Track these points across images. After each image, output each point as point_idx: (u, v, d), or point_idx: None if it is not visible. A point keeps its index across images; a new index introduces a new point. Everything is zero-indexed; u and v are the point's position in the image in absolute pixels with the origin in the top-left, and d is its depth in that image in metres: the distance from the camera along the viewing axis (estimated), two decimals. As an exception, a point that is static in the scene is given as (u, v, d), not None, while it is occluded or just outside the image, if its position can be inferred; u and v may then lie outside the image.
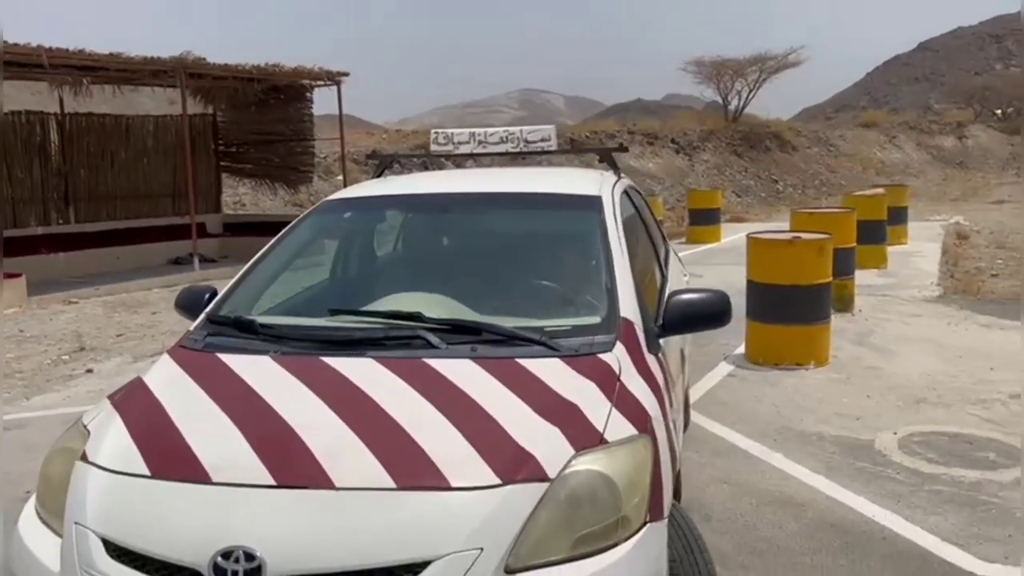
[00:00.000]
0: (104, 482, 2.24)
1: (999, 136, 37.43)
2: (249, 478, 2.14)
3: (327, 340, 2.78)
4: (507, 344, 2.66)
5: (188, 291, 3.40)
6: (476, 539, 1.99)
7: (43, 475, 2.48)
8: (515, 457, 2.15)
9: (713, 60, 29.09)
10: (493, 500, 2.05)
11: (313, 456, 2.18)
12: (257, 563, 1.96)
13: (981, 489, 4.17)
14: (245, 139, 15.29)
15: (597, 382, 2.45)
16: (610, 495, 2.13)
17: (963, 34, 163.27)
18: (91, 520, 2.16)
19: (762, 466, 4.54)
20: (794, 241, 6.48)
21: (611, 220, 3.31)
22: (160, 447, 2.31)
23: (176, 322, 9.02)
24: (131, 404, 2.59)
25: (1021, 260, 11.80)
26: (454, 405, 2.35)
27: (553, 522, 2.07)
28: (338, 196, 3.95)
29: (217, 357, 2.77)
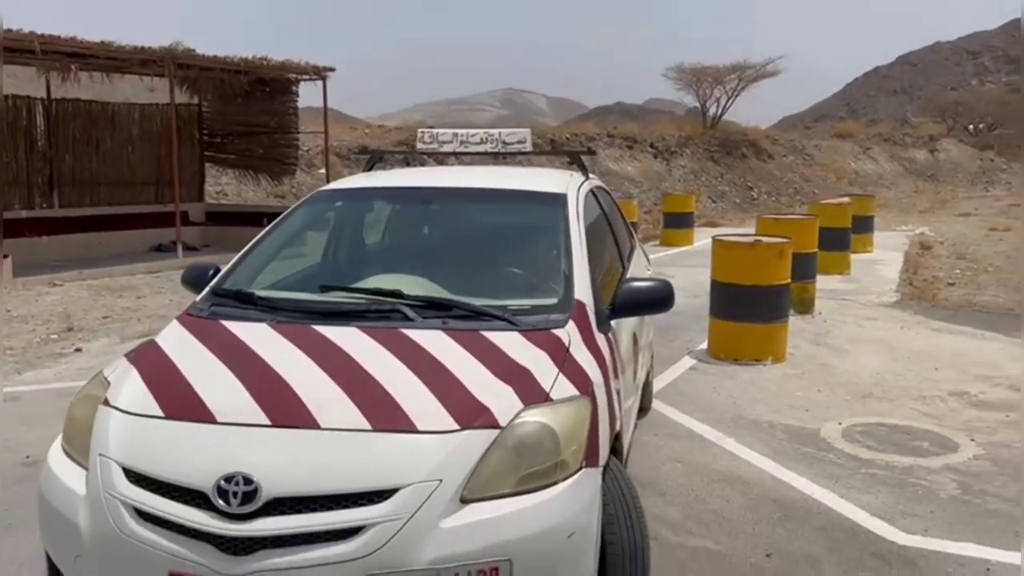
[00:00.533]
0: (124, 422, 2.61)
1: (970, 151, 38.29)
2: (249, 419, 2.52)
3: (317, 311, 3.19)
4: (474, 319, 3.06)
5: (194, 268, 3.78)
6: (437, 472, 2.37)
7: (69, 417, 2.84)
8: (473, 408, 2.53)
9: (693, 67, 29.63)
10: (452, 442, 2.43)
11: (303, 403, 2.56)
12: (254, 486, 2.32)
13: (912, 473, 4.56)
14: (229, 130, 15.49)
15: (549, 352, 2.85)
16: (551, 442, 2.51)
17: (941, 49, 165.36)
18: (113, 452, 2.53)
19: (715, 449, 4.90)
20: (755, 244, 6.86)
21: (573, 216, 3.72)
22: (172, 394, 2.69)
23: (160, 306, 9.30)
24: (145, 360, 2.97)
25: (978, 270, 12.31)
26: (424, 366, 2.73)
27: (502, 462, 2.44)
28: (330, 187, 4.36)
29: (221, 324, 3.16)
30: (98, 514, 2.46)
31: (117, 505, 2.43)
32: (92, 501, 2.49)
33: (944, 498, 4.24)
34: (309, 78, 14.33)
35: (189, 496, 2.37)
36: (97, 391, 2.84)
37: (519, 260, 3.73)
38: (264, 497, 2.31)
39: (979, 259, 13.63)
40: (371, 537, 2.28)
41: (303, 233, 4.15)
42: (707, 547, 3.70)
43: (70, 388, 6.09)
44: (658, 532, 3.76)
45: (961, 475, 4.53)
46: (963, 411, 5.65)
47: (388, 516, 2.29)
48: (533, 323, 3.04)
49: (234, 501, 2.31)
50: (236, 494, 2.31)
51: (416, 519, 2.30)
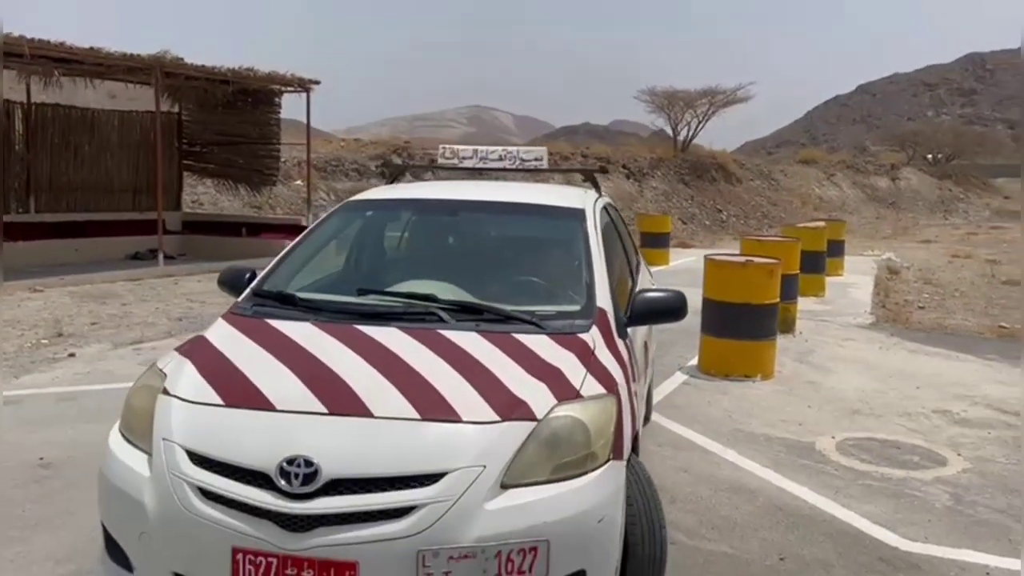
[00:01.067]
0: (185, 409, 2.79)
1: (929, 180, 39.36)
2: (307, 407, 2.72)
3: (357, 312, 3.41)
4: (504, 322, 3.29)
5: (231, 270, 3.96)
6: (480, 459, 2.55)
7: (128, 406, 3.02)
8: (511, 402, 2.74)
9: (665, 91, 30.14)
10: (494, 432, 2.63)
11: (355, 393, 2.76)
12: (314, 468, 2.50)
13: (906, 485, 4.77)
14: (209, 139, 15.47)
15: (576, 353, 3.07)
16: (583, 435, 2.71)
17: (899, 80, 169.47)
18: (176, 436, 2.70)
19: (718, 460, 5.08)
20: (747, 264, 7.09)
21: (592, 229, 3.99)
22: (229, 384, 2.88)
23: (148, 314, 9.27)
24: (198, 353, 3.14)
25: (945, 295, 12.73)
26: (462, 363, 2.95)
27: (538, 452, 2.64)
28: (359, 197, 4.55)
29: (266, 322, 3.38)
30: (164, 494, 2.61)
31: (182, 485, 2.59)
32: (157, 482, 2.65)
33: (939, 508, 4.45)
34: (294, 90, 14.39)
35: (252, 477, 2.54)
36: (154, 381, 3.00)
37: (542, 269, 3.97)
38: (323, 478, 2.49)
39: (944, 284, 14.09)
40: (422, 516, 2.45)
41: (334, 240, 4.32)
42: (723, 551, 3.86)
43: (70, 392, 6.14)
44: (675, 537, 3.91)
45: (952, 487, 4.75)
46: (947, 428, 5.90)
47: (437, 497, 2.47)
48: (559, 327, 3.27)
49: (295, 482, 2.48)
50: (297, 475, 2.49)
51: (463, 501, 2.48)
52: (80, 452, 4.87)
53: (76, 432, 5.25)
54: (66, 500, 4.23)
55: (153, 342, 7.90)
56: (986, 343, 9.07)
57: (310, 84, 14.19)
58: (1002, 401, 6.57)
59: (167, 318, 9.09)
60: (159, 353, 7.44)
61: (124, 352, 7.49)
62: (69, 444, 5.02)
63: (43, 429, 5.29)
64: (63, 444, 5.02)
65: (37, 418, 5.52)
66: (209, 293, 10.85)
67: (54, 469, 4.64)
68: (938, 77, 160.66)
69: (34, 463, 4.72)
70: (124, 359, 7.21)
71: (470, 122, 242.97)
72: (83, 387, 6.30)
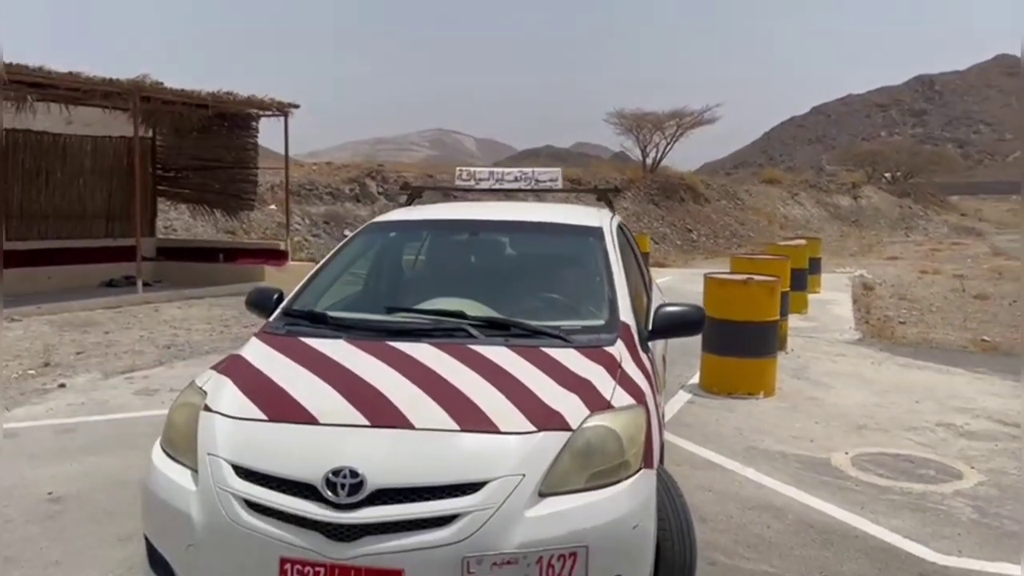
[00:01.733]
0: (229, 425, 2.85)
1: (889, 198, 40.18)
2: (349, 420, 2.80)
3: (389, 329, 3.50)
4: (531, 337, 3.38)
5: (258, 291, 4.08)
6: (520, 468, 2.63)
7: (170, 422, 3.09)
8: (546, 413, 2.81)
9: (634, 113, 30.47)
10: (531, 442, 2.71)
11: (395, 406, 2.84)
12: (360, 478, 2.56)
13: (927, 499, 4.80)
14: (184, 164, 15.26)
15: (604, 366, 3.15)
16: (616, 445, 2.78)
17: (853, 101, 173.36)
18: (222, 451, 2.76)
19: (738, 478, 5.07)
20: (748, 282, 7.13)
21: (611, 247, 4.11)
22: (271, 400, 2.95)
23: (133, 342, 9.08)
24: (236, 371, 3.21)
25: (923, 310, 12.94)
26: (495, 376, 3.03)
27: (573, 461, 2.71)
28: (383, 219, 4.59)
29: (299, 340, 3.47)
30: (211, 507, 2.67)
31: (229, 498, 2.65)
32: (204, 495, 2.70)
33: (965, 521, 4.48)
34: (272, 114, 14.27)
35: (298, 489, 2.60)
36: (194, 399, 3.07)
37: (563, 286, 4.08)
38: (369, 488, 2.55)
39: (918, 299, 14.32)
40: (465, 524, 2.51)
41: (358, 260, 4.38)
42: (764, 570, 3.84)
43: (68, 424, 5.97)
44: (714, 558, 3.90)
45: (973, 500, 4.79)
46: (954, 441, 5.96)
47: (480, 505, 2.54)
48: (586, 341, 3.36)
49: (342, 492, 2.54)
50: (344, 486, 2.55)
51: (504, 508, 2.54)
52: (87, 486, 4.74)
53: (81, 465, 5.10)
54: (82, 536, 4.09)
55: (144, 371, 7.72)
56: (972, 356, 9.23)
57: (288, 108, 14.08)
58: (1001, 413, 6.66)
59: (154, 346, 8.90)
60: (152, 382, 7.33)
61: (116, 381, 7.30)
62: (76, 478, 4.87)
63: (47, 463, 5.12)
64: (70, 478, 4.87)
65: (39, 452, 5.34)
66: (192, 320, 10.68)
67: (64, 504, 4.49)
68: (890, 98, 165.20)
69: (43, 498, 4.56)
70: (117, 389, 7.03)
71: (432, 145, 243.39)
72: (80, 418, 6.12)
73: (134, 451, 5.36)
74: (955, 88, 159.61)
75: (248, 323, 10.49)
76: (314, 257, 17.90)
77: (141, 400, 6.71)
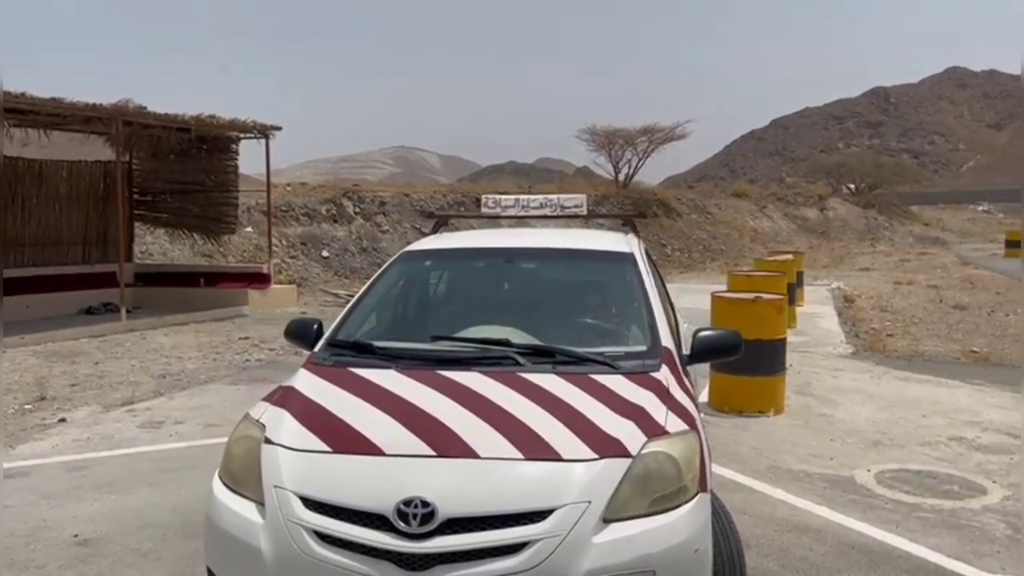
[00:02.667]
0: (292, 458, 2.85)
1: (855, 209, 40.83)
2: (415, 451, 2.81)
3: (437, 359, 3.50)
4: (577, 364, 3.40)
5: (298, 323, 4.05)
6: (585, 495, 2.66)
7: (230, 455, 3.07)
8: (605, 440, 2.84)
9: (605, 129, 30.69)
10: (594, 469, 2.73)
11: (458, 435, 2.85)
12: (431, 508, 2.57)
13: (959, 516, 4.84)
14: (162, 188, 15.05)
15: (654, 392, 3.18)
16: (674, 470, 2.82)
17: (810, 114, 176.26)
18: (288, 484, 2.76)
19: (769, 499, 5.08)
20: (757, 300, 7.18)
21: (644, 272, 4.16)
22: (332, 431, 2.95)
23: (127, 371, 8.90)
24: (292, 403, 3.20)
25: (907, 322, 13.13)
26: (550, 403, 3.06)
27: (635, 487, 2.73)
28: (415, 248, 4.60)
29: (349, 371, 3.45)
30: (281, 539, 2.67)
31: (299, 530, 2.65)
32: (273, 528, 2.70)
33: (1001, 538, 4.52)
34: (253, 136, 14.13)
35: (368, 519, 2.61)
36: (252, 432, 3.07)
37: (601, 312, 4.16)
38: (440, 518, 2.56)
39: (899, 311, 14.52)
40: (535, 552, 2.54)
41: (402, 282, 4.43)
42: (819, 595, 3.83)
43: (77, 462, 5.82)
44: (766, 583, 3.88)
45: (1003, 515, 4.84)
46: (970, 455, 6.03)
47: (548, 533, 2.56)
48: (632, 367, 3.39)
49: (414, 522, 2.56)
50: (416, 516, 2.56)
51: (572, 536, 2.57)
52: (113, 528, 4.61)
53: (101, 505, 4.96)
54: (121, 581, 3.97)
55: (144, 402, 7.56)
56: (965, 368, 9.37)
57: (270, 131, 13.96)
58: (1009, 426, 6.76)
59: (148, 376, 8.73)
60: (155, 414, 7.17)
61: (118, 414, 7.13)
62: (98, 519, 4.74)
63: (65, 503, 4.98)
64: (92, 519, 4.73)
65: (53, 491, 5.19)
66: (181, 347, 10.49)
67: (94, 547, 4.36)
68: (846, 110, 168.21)
69: (70, 541, 4.43)
70: (121, 422, 6.87)
71: (396, 163, 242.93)
72: (89, 454, 5.97)
73: (152, 488, 5.26)
74: (909, 100, 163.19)
75: (240, 350, 10.35)
76: (293, 279, 17.74)
77: (148, 434, 6.56)
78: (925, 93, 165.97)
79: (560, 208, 5.06)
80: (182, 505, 4.88)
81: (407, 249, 4.57)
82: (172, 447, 6.21)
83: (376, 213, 22.13)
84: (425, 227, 21.86)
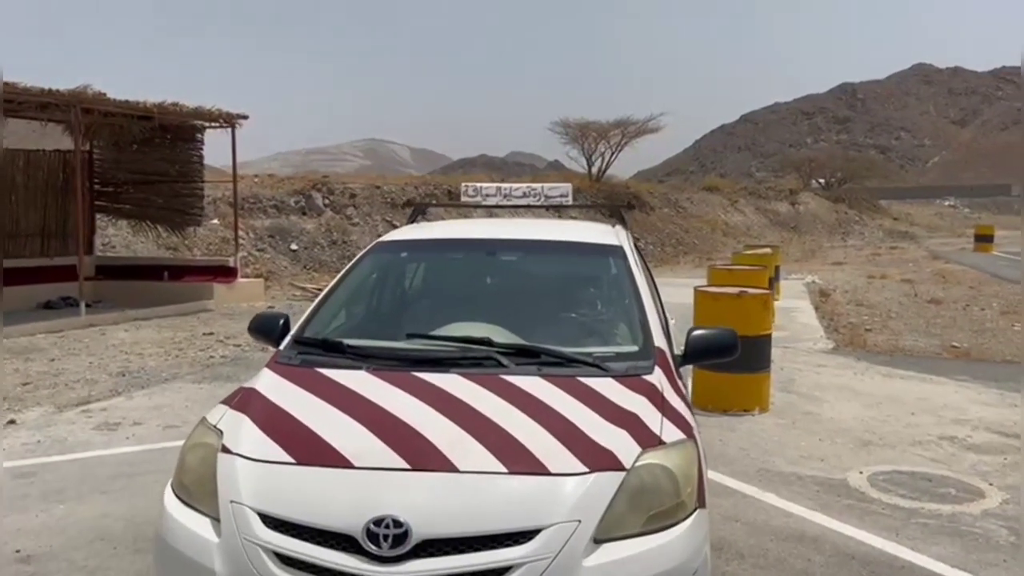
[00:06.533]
0: (252, 469, 2.60)
1: (826, 203, 41.06)
2: (387, 463, 2.55)
3: (412, 359, 3.23)
4: (565, 365, 3.15)
5: (262, 317, 3.72)
6: (574, 513, 2.43)
7: (183, 466, 2.80)
8: (596, 451, 2.60)
9: (578, 122, 30.44)
10: (584, 484, 2.50)
11: (435, 446, 2.60)
12: (404, 528, 2.35)
13: (959, 521, 4.63)
14: (125, 178, 14.52)
15: (647, 397, 2.94)
16: (671, 484, 2.60)
17: (779, 109, 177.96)
18: (246, 499, 2.51)
19: (761, 505, 4.84)
20: (742, 295, 6.96)
21: (634, 266, 3.91)
22: (296, 440, 2.70)
23: (83, 369, 8.49)
24: (253, 407, 2.93)
25: (884, 317, 13.04)
26: (535, 410, 2.81)
27: (629, 503, 2.52)
28: (390, 238, 4.32)
29: (317, 371, 3.18)
30: (237, 560, 2.45)
31: (258, 551, 2.43)
32: (229, 548, 2.48)
33: (1005, 545, 4.32)
34: (219, 125, 13.67)
35: (335, 540, 2.39)
36: (209, 439, 2.81)
37: (589, 309, 3.92)
38: (414, 539, 2.34)
39: (875, 305, 14.46)
40: None
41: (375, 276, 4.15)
42: (822, 611, 3.60)
43: (25, 467, 5.44)
44: (766, 598, 3.64)
45: (1004, 520, 4.64)
46: (963, 455, 5.85)
47: (535, 556, 2.35)
48: (623, 369, 3.14)
49: (385, 544, 2.34)
50: (387, 537, 2.34)
51: (560, 558, 2.36)
52: (60, 541, 4.26)
53: (48, 516, 4.60)
54: (65, 603, 3.63)
55: (101, 402, 7.17)
56: (948, 364, 9.24)
57: (236, 119, 13.51)
58: (999, 424, 6.60)
59: (106, 374, 8.32)
60: (112, 415, 6.79)
61: (72, 415, 6.74)
62: (45, 532, 4.38)
63: (9, 514, 4.60)
64: (37, 532, 4.38)
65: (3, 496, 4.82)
66: (143, 343, 10.08)
67: (37, 564, 4.01)
68: (814, 106, 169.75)
69: (11, 557, 4.07)
70: (75, 424, 6.48)
71: (366, 155, 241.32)
72: (38, 459, 5.60)
73: (105, 497, 4.92)
74: (876, 96, 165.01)
75: (204, 346, 9.96)
76: (261, 273, 17.30)
77: (103, 436, 6.18)
78: (892, 89, 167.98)
79: (544, 198, 4.79)
80: (136, 515, 4.54)
81: (381, 239, 4.29)
82: (128, 451, 5.85)
83: (346, 205, 21.70)
84: (397, 220, 21.49)
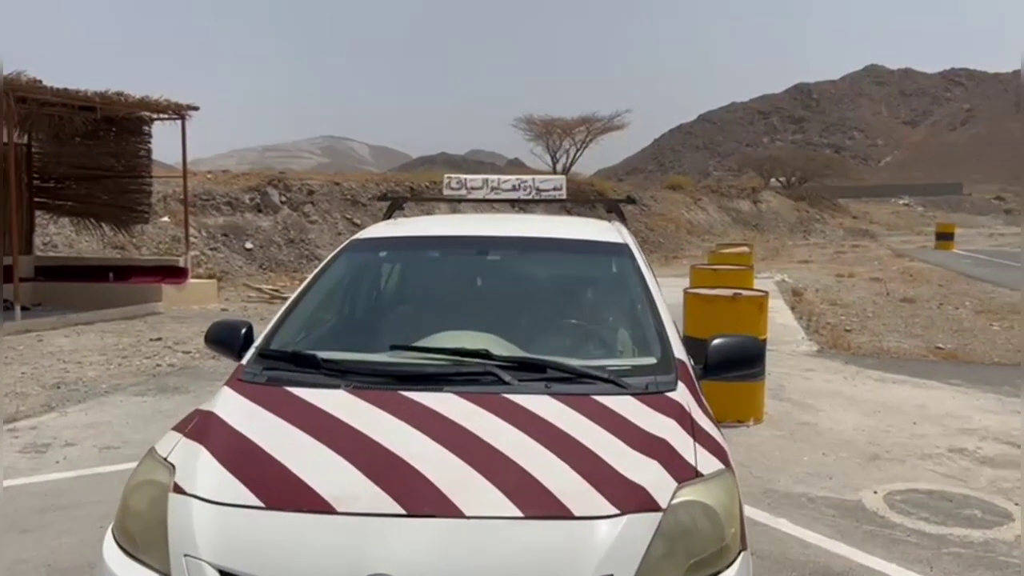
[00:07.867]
0: (211, 514, 2.14)
1: (787, 202, 41.12)
2: (377, 508, 2.11)
3: (399, 375, 2.75)
4: (575, 381, 2.69)
5: (221, 325, 3.25)
6: (606, 566, 2.01)
7: (126, 510, 2.32)
8: (626, 489, 2.18)
9: (543, 118, 30.00)
10: (615, 529, 2.08)
11: (435, 486, 2.16)
12: None
13: (995, 550, 4.18)
14: (67, 173, 13.69)
15: (675, 419, 2.51)
16: (713, 526, 2.20)
17: (736, 109, 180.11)
18: (204, 553, 2.06)
19: (775, 534, 4.35)
20: (736, 297, 6.49)
21: (643, 266, 3.47)
22: (264, 478, 2.23)
23: (15, 380, 7.74)
24: (211, 436, 2.45)
25: (861, 317, 12.73)
26: (549, 438, 2.37)
27: (667, 550, 2.10)
28: (367, 236, 3.76)
29: (286, 391, 2.69)
30: None
31: None
32: None
33: (1051, 578, 3.88)
34: (168, 117, 12.90)
35: None
36: (157, 475, 2.33)
37: (595, 315, 3.50)
38: None
39: (849, 304, 14.17)
40: None
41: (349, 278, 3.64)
42: (869, 670, 3.10)
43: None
44: (803, 655, 3.13)
45: (1042, 547, 4.21)
46: (979, 470, 5.43)
47: None
48: (643, 386, 2.70)
49: None
50: None
51: None
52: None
53: (-44, 562, 3.93)
54: None
55: (30, 419, 6.46)
56: (937, 367, 8.90)
57: (186, 111, 12.75)
58: (1007, 435, 6.21)
59: (39, 386, 7.59)
60: (41, 435, 6.09)
61: (19, 426, 6.03)
62: (-51, 582, 3.72)
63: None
64: (-59, 583, 3.72)
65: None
66: (83, 351, 9.32)
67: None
68: (771, 106, 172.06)
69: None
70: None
71: (324, 152, 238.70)
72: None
73: (24, 536, 4.27)
74: (831, 96, 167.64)
75: (150, 353, 9.24)
76: (214, 273, 16.51)
77: (30, 460, 5.50)
78: (845, 90, 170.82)
79: (536, 191, 4.30)
80: (60, 559, 3.91)
81: (357, 237, 3.73)
82: (58, 477, 5.18)
83: (304, 202, 20.94)
84: (358, 218, 20.79)
